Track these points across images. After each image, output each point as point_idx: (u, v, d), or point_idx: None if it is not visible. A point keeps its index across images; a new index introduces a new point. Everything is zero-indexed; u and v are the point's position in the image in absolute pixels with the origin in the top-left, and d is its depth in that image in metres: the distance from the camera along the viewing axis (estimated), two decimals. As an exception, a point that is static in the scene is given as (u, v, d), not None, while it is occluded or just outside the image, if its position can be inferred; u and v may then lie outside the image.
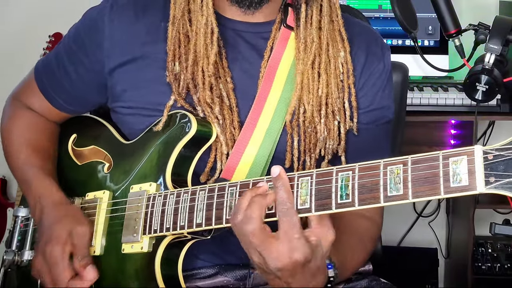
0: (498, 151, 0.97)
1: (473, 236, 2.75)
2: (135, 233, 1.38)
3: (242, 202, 1.20)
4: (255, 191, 1.21)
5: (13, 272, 1.68)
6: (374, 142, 1.55)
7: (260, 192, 1.21)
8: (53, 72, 1.62)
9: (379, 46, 1.57)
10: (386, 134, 1.59)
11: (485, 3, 3.07)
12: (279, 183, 1.18)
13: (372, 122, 1.54)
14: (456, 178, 1.01)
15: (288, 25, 1.50)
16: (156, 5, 1.53)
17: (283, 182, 1.18)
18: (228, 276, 1.52)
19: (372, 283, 1.52)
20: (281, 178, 1.19)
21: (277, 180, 1.19)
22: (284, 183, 1.18)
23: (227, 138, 1.45)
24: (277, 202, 1.18)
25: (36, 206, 1.54)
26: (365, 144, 1.53)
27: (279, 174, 1.19)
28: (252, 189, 1.22)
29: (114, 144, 1.58)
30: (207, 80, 1.45)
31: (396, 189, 1.06)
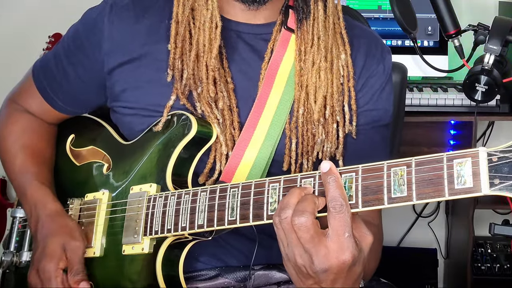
0: (502, 153, 0.97)
1: (472, 237, 2.75)
2: (136, 234, 1.38)
3: (290, 198, 1.14)
4: (304, 190, 1.15)
5: (11, 273, 1.68)
6: (371, 145, 1.55)
7: (309, 192, 1.15)
8: (52, 73, 1.61)
9: (379, 49, 1.57)
10: (383, 137, 1.58)
11: (484, 4, 3.08)
12: (330, 179, 1.12)
13: (368, 123, 1.54)
14: (460, 180, 1.00)
15: (288, 27, 1.50)
16: (156, 6, 1.53)
17: (335, 177, 1.12)
18: (229, 277, 1.51)
19: (372, 283, 1.52)
20: (333, 173, 1.12)
21: (327, 176, 1.12)
22: (336, 178, 1.12)
23: (226, 139, 1.45)
24: (329, 199, 1.11)
25: (32, 215, 1.54)
26: (361, 147, 1.53)
27: (330, 169, 1.13)
28: (300, 188, 1.16)
29: (113, 145, 1.58)
30: (210, 74, 1.44)
31: (400, 190, 1.06)
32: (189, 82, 1.46)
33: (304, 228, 1.10)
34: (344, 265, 1.11)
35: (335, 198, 1.10)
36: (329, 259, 1.10)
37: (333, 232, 1.10)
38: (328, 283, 1.13)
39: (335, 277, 1.12)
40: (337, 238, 1.10)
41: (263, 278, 1.53)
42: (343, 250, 1.10)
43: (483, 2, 3.08)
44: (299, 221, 1.10)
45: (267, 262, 1.54)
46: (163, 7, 1.52)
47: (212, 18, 1.44)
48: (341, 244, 1.10)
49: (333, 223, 1.10)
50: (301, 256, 1.12)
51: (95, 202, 1.50)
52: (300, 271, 1.15)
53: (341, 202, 1.10)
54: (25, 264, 1.63)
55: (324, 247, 1.10)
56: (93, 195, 1.52)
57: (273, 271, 1.54)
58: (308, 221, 1.10)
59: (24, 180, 1.59)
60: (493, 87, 2.07)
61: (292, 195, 1.14)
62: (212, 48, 1.44)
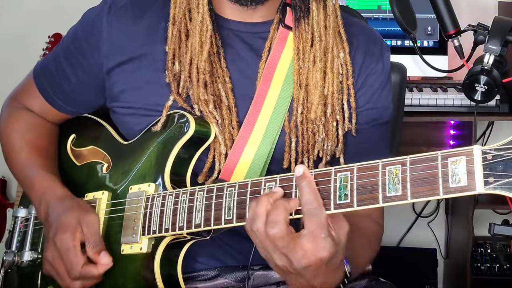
0: (497, 151, 0.97)
1: (472, 237, 2.75)
2: (134, 233, 1.38)
3: (259, 207, 1.16)
4: (272, 196, 1.17)
5: (13, 272, 1.68)
6: (372, 143, 1.55)
7: (278, 197, 1.17)
8: (52, 74, 1.62)
9: (378, 47, 1.57)
10: (383, 135, 1.59)
11: (484, 4, 3.08)
12: (303, 183, 1.14)
13: (369, 122, 1.54)
14: (455, 179, 1.00)
15: (286, 25, 1.50)
16: (154, 6, 1.53)
17: (308, 181, 1.14)
18: (228, 278, 1.52)
19: (372, 283, 1.52)
20: (306, 177, 1.15)
21: (301, 180, 1.15)
22: (309, 182, 1.14)
23: (225, 138, 1.45)
24: (303, 202, 1.14)
25: (41, 202, 1.53)
26: (362, 145, 1.53)
27: (303, 173, 1.15)
28: (268, 194, 1.18)
29: (113, 145, 1.58)
30: (201, 77, 1.44)
31: (395, 189, 1.06)
32: (186, 84, 1.46)
33: (278, 237, 1.14)
34: (322, 261, 1.15)
35: (309, 202, 1.13)
36: (307, 257, 1.14)
37: (309, 233, 1.14)
38: (310, 275, 1.17)
39: (316, 270, 1.16)
40: (313, 239, 1.13)
41: (262, 278, 1.54)
42: (320, 250, 1.14)
43: (482, 2, 3.08)
44: (273, 232, 1.14)
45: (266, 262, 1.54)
46: (161, 8, 1.52)
47: (202, 21, 1.44)
48: (317, 244, 1.14)
49: (309, 225, 1.14)
50: (280, 259, 1.16)
51: (94, 201, 1.50)
52: (281, 270, 1.19)
53: (315, 206, 1.13)
54: (26, 264, 1.63)
55: (300, 249, 1.14)
56: (93, 195, 1.52)
57: (272, 271, 1.53)
58: (282, 231, 1.14)
59: (31, 172, 1.59)
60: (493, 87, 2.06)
61: (260, 205, 1.16)
62: (202, 51, 1.44)
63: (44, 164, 1.60)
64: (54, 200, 1.50)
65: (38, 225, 1.65)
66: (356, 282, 1.52)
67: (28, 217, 1.69)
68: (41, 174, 1.57)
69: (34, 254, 1.63)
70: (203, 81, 1.45)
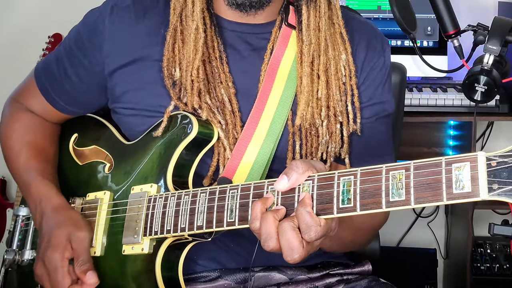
0: (501, 158, 0.97)
1: (472, 237, 2.75)
2: (136, 234, 1.38)
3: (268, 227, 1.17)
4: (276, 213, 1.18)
5: (13, 271, 1.68)
6: (376, 136, 1.55)
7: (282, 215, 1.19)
8: (54, 74, 1.62)
9: (379, 41, 1.57)
10: (387, 127, 1.59)
11: (484, 4, 3.07)
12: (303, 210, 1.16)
13: (373, 116, 1.54)
14: (459, 185, 1.01)
15: (289, 23, 1.50)
16: (156, 8, 1.53)
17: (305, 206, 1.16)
18: (229, 279, 1.52)
19: (372, 283, 1.52)
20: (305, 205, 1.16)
21: (301, 207, 1.16)
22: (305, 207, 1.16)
23: (230, 143, 1.45)
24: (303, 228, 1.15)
25: (37, 210, 1.54)
26: (368, 140, 1.53)
27: (304, 199, 1.17)
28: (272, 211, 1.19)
29: (115, 145, 1.58)
30: (195, 85, 1.44)
31: (398, 194, 1.06)
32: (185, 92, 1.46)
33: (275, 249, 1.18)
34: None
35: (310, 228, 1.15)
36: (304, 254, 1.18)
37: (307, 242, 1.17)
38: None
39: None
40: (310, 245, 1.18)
41: (263, 279, 1.54)
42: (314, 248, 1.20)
43: (482, 3, 3.08)
44: (268, 244, 1.17)
45: (266, 264, 1.55)
46: (163, 9, 1.52)
47: (197, 29, 1.44)
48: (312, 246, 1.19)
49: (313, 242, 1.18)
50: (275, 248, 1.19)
51: (96, 201, 1.50)
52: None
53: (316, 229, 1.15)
54: (27, 263, 1.63)
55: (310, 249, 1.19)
56: (94, 195, 1.52)
57: (273, 272, 1.54)
58: (301, 254, 1.16)
59: (28, 177, 1.59)
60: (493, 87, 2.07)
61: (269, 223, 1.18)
62: (194, 59, 1.44)
63: (43, 169, 1.60)
64: (48, 210, 1.51)
65: (39, 224, 1.65)
66: (356, 282, 1.53)
67: (29, 216, 1.69)
68: (38, 181, 1.57)
69: (35, 253, 1.62)
70: (197, 89, 1.45)
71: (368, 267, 1.60)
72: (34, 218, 1.56)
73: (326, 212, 1.14)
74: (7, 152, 1.68)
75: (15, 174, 1.65)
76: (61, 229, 1.45)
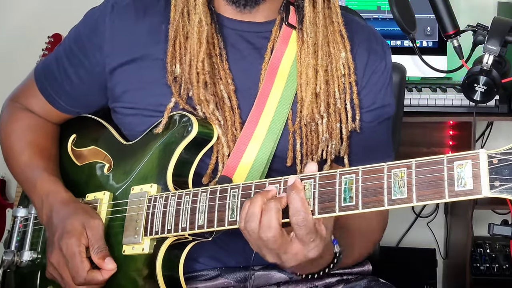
0: (502, 155, 0.97)
1: (471, 237, 2.76)
2: (136, 234, 1.38)
3: (254, 207, 1.19)
4: (266, 196, 1.20)
5: (12, 272, 1.68)
6: (377, 138, 1.56)
7: (271, 196, 1.21)
8: (54, 74, 1.62)
9: (380, 44, 1.57)
10: (387, 129, 1.60)
11: (483, 4, 3.08)
12: (293, 193, 1.17)
13: (375, 120, 1.55)
14: (460, 182, 1.01)
15: (289, 23, 1.50)
16: (157, 6, 1.53)
17: (297, 191, 1.17)
18: (229, 278, 1.52)
19: (371, 283, 1.52)
20: (296, 188, 1.18)
21: (291, 190, 1.18)
22: (298, 192, 1.17)
23: (228, 140, 1.45)
24: (291, 212, 1.17)
25: (44, 205, 1.53)
26: (368, 142, 1.53)
27: (294, 183, 1.19)
28: (262, 193, 1.21)
29: (114, 145, 1.58)
30: (201, 78, 1.44)
31: (400, 192, 1.07)
32: (187, 85, 1.46)
33: (272, 241, 1.18)
34: (312, 259, 1.22)
35: (298, 212, 1.16)
36: (297, 258, 1.21)
37: (299, 239, 1.18)
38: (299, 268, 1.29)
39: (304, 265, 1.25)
40: (303, 243, 1.19)
41: (263, 278, 1.54)
42: (309, 251, 1.20)
43: (482, 3, 3.08)
44: (267, 236, 1.18)
45: (266, 263, 1.54)
46: (164, 7, 1.52)
47: (200, 22, 1.44)
48: (306, 246, 1.19)
49: (298, 233, 1.18)
50: (271, 256, 1.22)
51: (96, 202, 1.50)
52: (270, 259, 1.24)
53: (303, 215, 1.16)
54: (25, 264, 1.63)
55: (291, 250, 1.20)
56: (94, 195, 1.52)
57: (272, 271, 1.54)
58: (276, 236, 1.17)
59: (33, 174, 1.58)
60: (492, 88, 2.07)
61: (256, 204, 1.19)
62: (199, 51, 1.44)
63: (47, 166, 1.60)
64: (57, 204, 1.50)
65: (38, 225, 1.65)
66: (355, 282, 1.53)
67: (27, 217, 1.69)
68: (44, 177, 1.57)
69: (34, 254, 1.63)
70: (203, 81, 1.44)
71: (367, 267, 1.60)
72: (41, 214, 1.55)
73: (328, 210, 1.15)
74: (7, 151, 1.67)
75: (17, 172, 1.64)
76: (75, 218, 1.44)
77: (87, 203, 1.52)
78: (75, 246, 1.40)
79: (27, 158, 1.62)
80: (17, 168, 1.64)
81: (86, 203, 1.52)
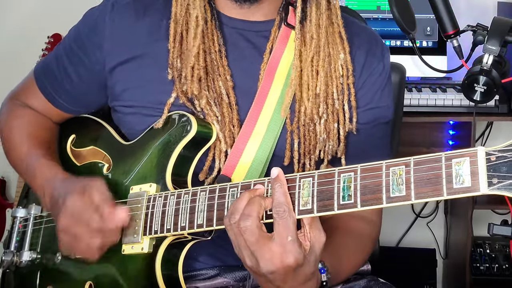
0: (500, 153, 0.97)
1: (471, 237, 2.76)
2: (135, 234, 1.38)
3: (239, 203, 1.20)
4: (253, 193, 1.21)
5: (11, 273, 1.68)
6: (373, 142, 1.56)
7: (258, 194, 1.21)
8: (54, 73, 1.62)
9: (379, 47, 1.57)
10: (385, 134, 1.60)
11: (483, 4, 3.08)
12: (276, 185, 1.18)
13: (371, 122, 1.54)
14: (459, 179, 1.00)
15: (288, 23, 1.50)
16: (156, 4, 1.53)
17: (281, 184, 1.18)
18: (228, 277, 1.52)
19: (371, 283, 1.52)
20: (279, 180, 1.19)
21: (275, 182, 1.19)
22: (281, 185, 1.18)
23: (225, 136, 1.45)
24: (274, 204, 1.17)
25: (45, 189, 1.52)
26: (364, 144, 1.53)
27: (277, 175, 1.19)
28: (250, 191, 1.22)
29: (114, 145, 1.58)
30: (195, 72, 1.44)
31: (398, 190, 1.06)
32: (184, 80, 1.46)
33: (249, 231, 1.17)
34: (289, 268, 1.17)
35: (279, 204, 1.17)
36: (274, 262, 1.17)
37: (277, 236, 1.17)
38: (279, 282, 1.20)
39: (283, 278, 1.19)
40: (281, 241, 1.16)
41: (262, 278, 1.54)
42: (286, 253, 1.16)
43: (482, 3, 3.09)
44: (244, 224, 1.17)
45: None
46: (163, 6, 1.52)
47: (197, 17, 1.45)
48: (284, 247, 1.16)
49: (277, 227, 1.17)
50: (249, 258, 1.19)
51: (95, 202, 1.50)
52: (251, 271, 1.22)
53: (284, 209, 1.16)
54: (25, 264, 1.63)
55: (268, 249, 1.16)
56: (93, 195, 1.52)
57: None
58: (253, 224, 1.17)
59: (32, 161, 1.58)
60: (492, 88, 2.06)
61: (241, 200, 1.20)
62: (193, 46, 1.44)
63: (45, 153, 1.59)
64: (57, 183, 1.48)
65: (37, 226, 1.65)
66: (355, 282, 1.53)
67: (27, 217, 1.69)
68: (43, 163, 1.56)
69: (33, 254, 1.63)
70: (197, 76, 1.44)
71: (367, 266, 1.60)
72: (44, 200, 1.54)
73: (327, 208, 1.14)
74: (8, 144, 1.67)
75: (17, 163, 1.64)
76: (75, 184, 1.42)
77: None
78: (81, 200, 1.37)
79: (27, 148, 1.61)
80: (17, 160, 1.64)
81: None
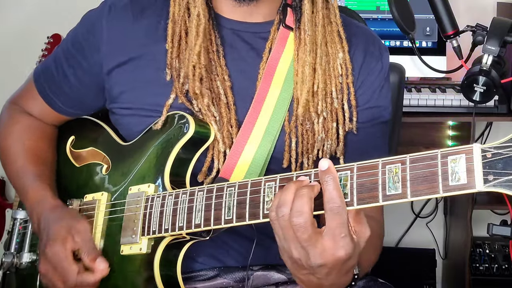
0: (496, 149, 0.97)
1: (470, 237, 2.76)
2: (134, 234, 1.38)
3: (286, 194, 1.13)
4: (300, 183, 1.14)
5: (11, 274, 1.68)
6: (371, 142, 1.55)
7: (305, 185, 1.14)
8: (52, 76, 1.62)
9: (377, 47, 1.57)
10: (383, 134, 1.59)
11: (482, 4, 3.08)
12: (328, 178, 1.11)
13: (369, 121, 1.54)
14: (455, 177, 1.00)
15: (287, 25, 1.50)
16: (153, 6, 1.53)
17: (333, 176, 1.11)
18: (227, 278, 1.52)
19: (370, 283, 1.52)
20: (331, 173, 1.11)
21: (326, 175, 1.11)
22: (333, 178, 1.11)
23: (224, 137, 1.45)
24: (326, 199, 1.10)
25: (33, 213, 1.53)
26: (362, 144, 1.53)
27: (328, 167, 1.12)
28: (296, 182, 1.15)
29: (112, 146, 1.58)
30: (197, 71, 1.44)
31: (394, 188, 1.06)
32: (185, 79, 1.46)
33: (303, 229, 1.11)
34: (339, 261, 1.12)
35: (333, 200, 1.10)
36: (325, 256, 1.11)
37: (329, 231, 1.11)
38: (322, 275, 1.15)
39: (330, 270, 1.14)
40: (333, 237, 1.11)
41: (262, 278, 1.54)
42: (338, 248, 1.11)
43: (481, 3, 3.09)
44: (298, 221, 1.11)
45: (265, 263, 1.55)
46: (161, 7, 1.52)
47: (198, 15, 1.44)
48: (336, 243, 1.11)
49: (330, 224, 1.11)
50: (297, 251, 1.14)
51: (94, 203, 1.50)
52: (295, 262, 1.16)
53: (338, 204, 1.10)
54: (25, 266, 1.63)
55: (320, 245, 1.11)
56: (92, 196, 1.52)
57: (271, 271, 1.54)
58: (307, 222, 1.11)
59: (26, 181, 1.59)
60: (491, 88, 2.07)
61: (288, 191, 1.13)
62: (195, 44, 1.44)
63: (40, 173, 1.60)
64: (45, 211, 1.50)
65: (38, 227, 1.66)
66: (354, 281, 1.53)
67: (27, 219, 1.69)
68: (35, 185, 1.57)
69: (33, 255, 1.63)
70: (198, 75, 1.44)
71: (370, 268, 1.60)
72: (32, 222, 1.56)
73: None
74: (4, 154, 1.68)
75: (12, 177, 1.65)
76: (60, 223, 1.44)
77: (85, 204, 1.52)
78: (60, 252, 1.39)
79: (21, 163, 1.62)
80: (12, 173, 1.65)
81: (85, 204, 1.53)
